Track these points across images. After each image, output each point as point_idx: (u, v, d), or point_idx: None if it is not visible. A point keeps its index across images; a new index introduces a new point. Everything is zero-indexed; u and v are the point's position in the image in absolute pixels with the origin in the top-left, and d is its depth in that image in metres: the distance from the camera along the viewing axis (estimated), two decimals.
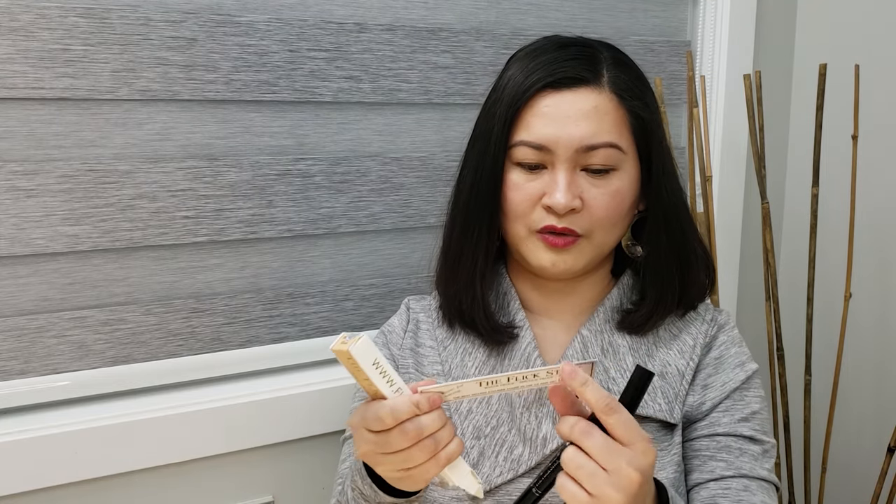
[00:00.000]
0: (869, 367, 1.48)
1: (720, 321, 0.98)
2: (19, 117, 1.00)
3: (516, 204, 0.88)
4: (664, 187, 0.91)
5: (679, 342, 0.94)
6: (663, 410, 0.90)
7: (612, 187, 0.87)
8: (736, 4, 1.44)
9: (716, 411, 0.91)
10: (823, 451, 1.40)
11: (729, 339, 0.97)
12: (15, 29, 0.97)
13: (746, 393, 0.93)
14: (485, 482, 0.88)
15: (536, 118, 0.86)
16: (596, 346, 0.92)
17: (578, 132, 0.85)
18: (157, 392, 1.12)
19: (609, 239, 0.90)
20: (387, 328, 1.03)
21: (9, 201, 1.00)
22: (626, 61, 0.91)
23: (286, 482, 1.18)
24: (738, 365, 0.94)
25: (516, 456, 0.88)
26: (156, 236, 1.08)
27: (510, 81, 0.89)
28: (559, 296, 0.96)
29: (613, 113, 0.87)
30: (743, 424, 0.91)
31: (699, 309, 0.98)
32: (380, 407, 0.71)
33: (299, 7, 1.14)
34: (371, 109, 1.21)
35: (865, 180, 1.41)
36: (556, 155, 0.86)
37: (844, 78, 1.39)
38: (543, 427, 0.88)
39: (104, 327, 1.07)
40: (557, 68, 0.86)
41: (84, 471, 1.03)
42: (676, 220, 0.93)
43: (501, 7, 1.28)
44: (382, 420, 0.71)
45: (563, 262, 0.88)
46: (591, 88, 0.86)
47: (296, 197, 1.16)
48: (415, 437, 0.71)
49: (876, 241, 1.45)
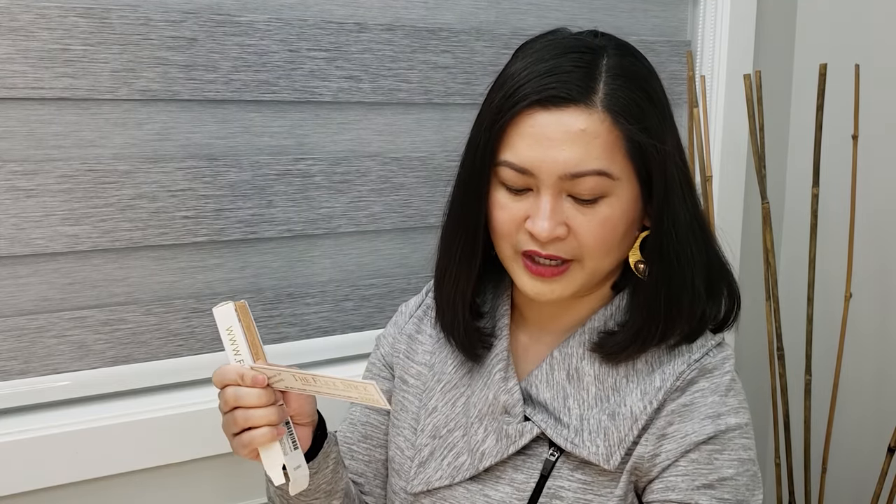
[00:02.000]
0: (869, 368, 1.48)
1: (707, 364, 0.83)
2: (19, 117, 1.00)
3: (500, 224, 0.82)
4: (665, 214, 0.82)
5: (648, 380, 0.83)
6: (599, 454, 0.80)
7: (600, 216, 0.79)
8: (736, 4, 1.44)
9: (674, 472, 0.80)
10: (823, 451, 1.40)
11: (710, 387, 0.82)
12: (15, 29, 0.97)
13: (718, 456, 0.79)
14: (425, 482, 0.88)
15: (521, 138, 0.79)
16: (562, 371, 0.85)
17: (562, 157, 0.77)
18: (157, 392, 1.12)
19: (604, 264, 0.83)
20: (403, 307, 1.03)
21: (9, 201, 1.00)
22: (632, 72, 0.81)
23: None
24: (709, 416, 0.80)
25: (459, 463, 0.87)
26: (156, 236, 1.08)
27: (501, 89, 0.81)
28: (554, 309, 0.89)
29: (605, 136, 0.78)
30: (702, 493, 0.78)
31: (697, 342, 0.85)
32: (217, 368, 0.80)
33: (299, 7, 1.14)
34: (371, 109, 1.21)
35: (865, 180, 1.41)
36: (540, 180, 0.79)
37: (844, 78, 1.39)
38: (487, 442, 0.86)
39: (104, 327, 1.07)
40: (547, 84, 0.78)
41: (84, 471, 1.03)
42: (675, 245, 0.82)
43: (501, 7, 1.28)
44: (214, 379, 0.80)
45: (549, 292, 0.82)
46: (580, 108, 0.77)
47: (296, 197, 1.16)
48: (230, 404, 0.78)
49: (876, 242, 1.45)
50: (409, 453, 0.92)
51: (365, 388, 0.73)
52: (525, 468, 0.84)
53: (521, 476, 0.84)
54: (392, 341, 1.00)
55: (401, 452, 0.93)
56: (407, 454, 0.92)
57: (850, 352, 1.45)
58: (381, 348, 1.01)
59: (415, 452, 0.91)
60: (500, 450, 0.85)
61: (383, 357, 1.00)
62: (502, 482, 0.85)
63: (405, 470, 0.91)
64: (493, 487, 0.85)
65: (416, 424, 0.92)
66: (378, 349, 1.01)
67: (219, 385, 0.80)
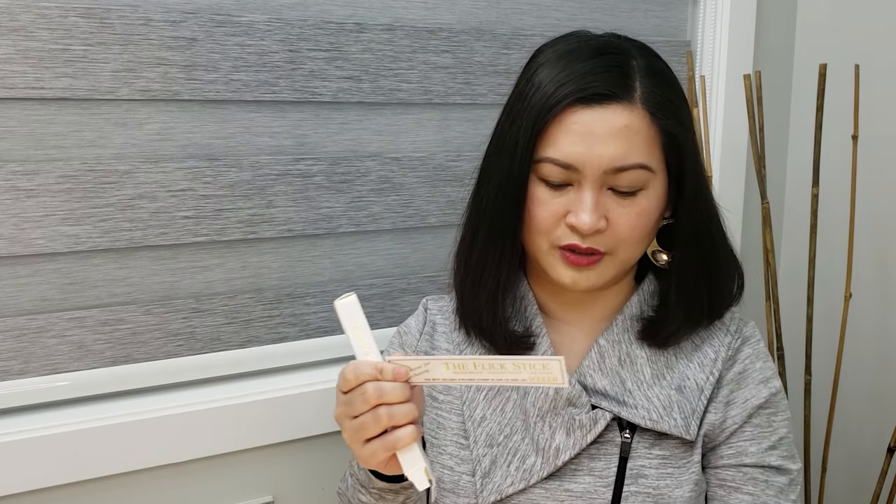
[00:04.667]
0: (869, 367, 1.48)
1: (745, 333, 0.94)
2: (19, 117, 1.00)
3: (540, 220, 0.85)
4: (696, 201, 0.88)
5: (700, 354, 0.91)
6: (679, 426, 0.86)
7: (638, 207, 0.84)
8: (736, 4, 1.44)
9: (742, 437, 0.88)
10: (823, 451, 1.40)
11: (754, 353, 0.92)
12: (15, 29, 0.97)
13: (774, 418, 0.90)
14: (496, 491, 0.87)
15: (564, 135, 0.82)
16: (613, 357, 0.90)
17: (608, 153, 0.81)
18: (157, 392, 1.12)
19: (634, 254, 0.87)
20: (403, 328, 1.02)
21: (9, 201, 1.00)
22: (660, 71, 0.86)
23: (286, 482, 1.18)
24: (762, 381, 0.90)
25: (528, 466, 0.87)
26: (156, 236, 1.08)
27: (538, 90, 0.84)
28: (579, 304, 0.93)
29: (645, 131, 0.82)
30: (770, 453, 0.88)
31: (725, 318, 0.94)
32: (347, 365, 0.74)
33: (299, 7, 1.14)
34: (371, 109, 1.21)
35: (865, 180, 1.41)
36: (584, 174, 0.82)
37: (844, 78, 1.39)
38: (557, 437, 0.87)
39: (104, 327, 1.07)
40: (589, 83, 0.81)
41: (84, 471, 1.03)
42: (708, 232, 0.90)
43: (501, 7, 1.28)
44: (346, 377, 0.73)
45: (584, 280, 0.86)
46: (622, 105, 0.82)
47: (296, 197, 1.16)
48: (372, 401, 0.72)
49: (876, 242, 1.45)
50: (465, 468, 0.90)
51: (544, 367, 0.68)
52: (601, 456, 0.86)
53: (599, 464, 0.86)
54: None
55: (451, 470, 0.91)
56: (460, 469, 0.90)
57: (850, 352, 1.45)
58: None
59: (473, 465, 0.89)
60: (575, 441, 0.86)
61: None
62: (581, 473, 0.86)
63: (463, 485, 0.89)
64: (571, 481, 0.86)
65: (463, 438, 0.91)
66: None
67: (354, 382, 0.73)
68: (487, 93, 1.27)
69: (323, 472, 1.19)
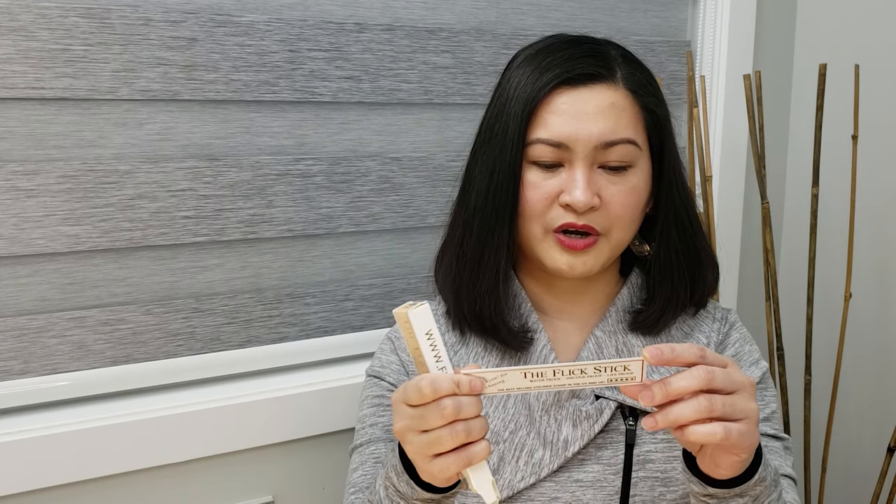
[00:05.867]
0: (869, 367, 1.48)
1: (731, 319, 0.99)
2: (19, 117, 1.00)
3: (533, 203, 0.87)
4: (675, 185, 0.91)
5: (692, 341, 0.94)
6: None
7: (629, 184, 0.87)
8: (736, 4, 1.44)
9: None
10: (823, 451, 1.40)
11: (741, 337, 0.97)
12: (15, 29, 0.97)
13: (765, 393, 0.94)
14: (507, 487, 0.87)
15: (553, 115, 0.85)
16: (611, 347, 0.92)
17: (597, 128, 0.84)
18: (157, 392, 1.12)
19: (625, 237, 0.90)
20: (393, 334, 1.01)
21: (9, 201, 1.00)
22: (635, 59, 0.91)
23: (286, 482, 1.18)
24: (753, 363, 0.96)
25: (537, 459, 0.87)
26: (156, 236, 1.08)
27: (522, 80, 0.87)
28: (571, 296, 0.95)
29: (630, 109, 0.87)
30: (765, 424, 0.92)
31: (709, 307, 0.98)
32: (421, 378, 0.70)
33: (299, 7, 1.14)
34: (371, 109, 1.21)
35: (865, 180, 1.41)
36: (575, 152, 0.85)
37: (844, 78, 1.39)
38: (564, 429, 0.88)
39: (104, 327, 1.07)
40: (574, 65, 0.86)
41: (84, 471, 1.03)
42: (687, 218, 0.93)
43: (501, 7, 1.28)
44: (422, 391, 0.69)
45: (581, 265, 0.87)
46: (607, 85, 0.86)
47: (296, 197, 1.16)
48: (450, 416, 0.68)
49: (876, 241, 1.45)
50: None
51: (625, 367, 0.67)
52: (607, 444, 0.88)
53: (606, 453, 0.88)
54: (398, 368, 0.98)
55: None
56: None
57: (849, 352, 1.45)
58: (387, 378, 0.98)
59: None
60: (583, 432, 0.87)
61: (394, 384, 0.97)
62: (589, 463, 0.88)
63: None
64: (580, 471, 0.87)
65: None
66: (382, 381, 0.98)
67: (432, 397, 0.69)
68: (487, 93, 1.27)
69: (323, 472, 1.19)
